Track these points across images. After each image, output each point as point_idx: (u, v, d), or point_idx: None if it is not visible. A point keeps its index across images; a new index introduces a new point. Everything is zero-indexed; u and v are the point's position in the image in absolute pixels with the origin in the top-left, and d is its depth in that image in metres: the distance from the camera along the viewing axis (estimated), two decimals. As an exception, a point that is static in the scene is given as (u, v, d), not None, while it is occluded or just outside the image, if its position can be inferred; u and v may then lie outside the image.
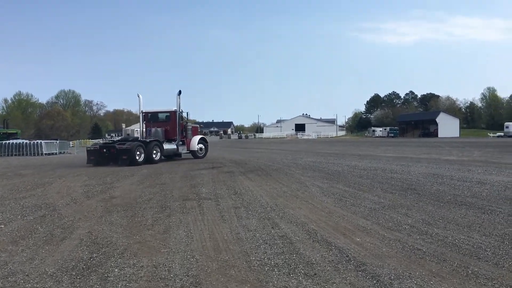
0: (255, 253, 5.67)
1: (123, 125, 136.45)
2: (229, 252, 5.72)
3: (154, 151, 21.97)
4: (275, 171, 16.48)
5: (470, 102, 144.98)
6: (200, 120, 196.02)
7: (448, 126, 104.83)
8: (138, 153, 20.96)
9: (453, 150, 37.25)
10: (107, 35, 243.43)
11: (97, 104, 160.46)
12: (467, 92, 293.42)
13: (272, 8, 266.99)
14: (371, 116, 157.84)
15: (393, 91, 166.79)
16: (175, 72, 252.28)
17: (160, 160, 22.27)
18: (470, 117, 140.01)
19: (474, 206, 8.48)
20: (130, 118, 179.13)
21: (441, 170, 15.77)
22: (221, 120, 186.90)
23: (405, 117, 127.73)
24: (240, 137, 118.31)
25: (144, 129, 24.31)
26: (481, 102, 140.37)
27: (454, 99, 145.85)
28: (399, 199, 9.60)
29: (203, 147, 25.39)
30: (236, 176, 14.93)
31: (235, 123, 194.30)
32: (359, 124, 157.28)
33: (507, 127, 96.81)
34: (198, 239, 6.44)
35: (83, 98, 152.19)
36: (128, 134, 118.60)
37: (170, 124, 23.96)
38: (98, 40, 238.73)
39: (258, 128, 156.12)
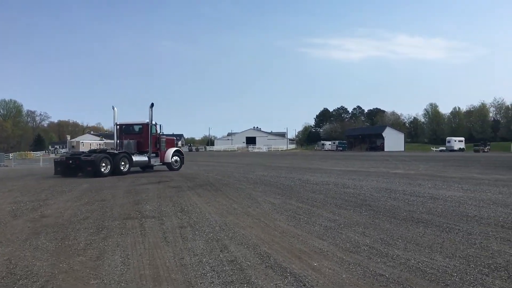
0: (200, 283, 4.96)
1: (68, 137, 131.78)
2: (170, 283, 4.98)
3: (122, 163, 22.05)
4: (225, 185, 15.78)
5: (414, 117, 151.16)
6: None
7: (393, 140, 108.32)
8: (103, 164, 21.01)
9: (400, 164, 38.03)
10: (51, 44, 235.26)
11: (40, 114, 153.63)
12: (411, 108, 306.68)
13: (225, 22, 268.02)
14: (321, 130, 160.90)
15: (342, 106, 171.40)
16: (123, 82, 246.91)
17: (128, 172, 22.24)
18: (413, 132, 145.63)
19: (432, 224, 8.17)
20: (76, 129, 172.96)
21: (393, 185, 15.67)
22: (171, 133, 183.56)
23: (353, 131, 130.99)
24: (190, 150, 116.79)
25: (117, 141, 24.47)
26: (424, 118, 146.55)
27: (399, 114, 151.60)
28: (354, 216, 9.18)
29: (178, 159, 25.39)
30: (183, 191, 14.10)
31: (186, 136, 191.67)
32: (309, 138, 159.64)
33: (448, 141, 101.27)
34: (136, 267, 5.64)
35: (25, 108, 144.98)
36: (73, 146, 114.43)
37: (142, 136, 23.96)
38: (41, 49, 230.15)
39: (209, 141, 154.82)
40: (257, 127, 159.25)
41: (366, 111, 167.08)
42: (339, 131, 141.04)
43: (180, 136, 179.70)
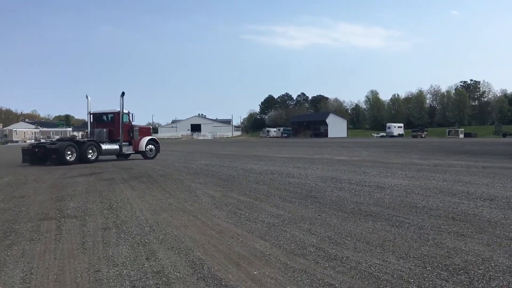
0: (115, 305, 4.05)
1: (0, 125, 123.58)
2: (76, 307, 4.03)
3: (90, 151, 22.21)
4: (163, 177, 14.73)
5: (356, 104, 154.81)
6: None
7: (337, 127, 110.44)
8: (69, 152, 21.32)
9: (343, 150, 38.34)
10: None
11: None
12: (353, 95, 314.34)
13: (169, 5, 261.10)
14: (266, 117, 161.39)
15: (286, 93, 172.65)
16: (59, 68, 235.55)
17: (96, 160, 22.36)
18: (356, 118, 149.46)
19: (381, 217, 7.65)
20: (10, 117, 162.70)
21: (338, 173, 15.27)
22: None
23: (297, 118, 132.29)
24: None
25: (90, 130, 24.71)
26: (365, 104, 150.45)
27: (342, 101, 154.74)
28: (299, 209, 8.52)
29: (153, 148, 25.32)
30: (116, 184, 12.94)
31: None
32: (254, 125, 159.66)
33: (388, 127, 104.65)
34: (38, 284, 4.62)
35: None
36: (5, 135, 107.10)
37: (114, 125, 24.04)
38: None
39: (153, 129, 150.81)
40: (202, 114, 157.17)
41: (310, 98, 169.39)
42: (284, 118, 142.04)
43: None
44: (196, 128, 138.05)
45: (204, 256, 5.53)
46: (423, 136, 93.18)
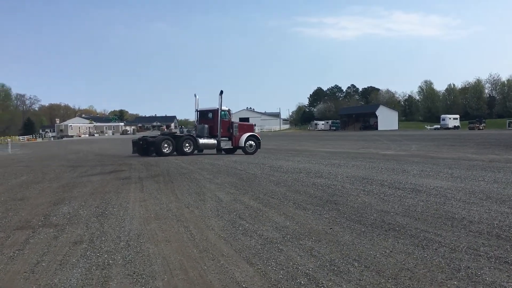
0: None
1: (57, 120, 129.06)
2: None
3: (187, 144, 24.00)
4: (182, 175, 13.79)
5: (409, 95, 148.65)
6: (142, 114, 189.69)
7: (387, 119, 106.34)
8: (165, 145, 23.46)
9: (392, 144, 36.25)
10: (42, 27, 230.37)
11: (30, 98, 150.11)
12: (406, 85, 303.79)
13: (218, 3, 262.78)
14: (314, 110, 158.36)
15: (336, 85, 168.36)
16: (115, 65, 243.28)
17: (192, 153, 23.89)
18: (408, 110, 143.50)
19: (405, 233, 6.22)
20: (68, 113, 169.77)
21: (373, 172, 13.71)
22: (163, 115, 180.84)
23: (347, 110, 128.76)
24: (182, 132, 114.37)
25: (195, 125, 27.00)
26: (418, 95, 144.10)
27: (393, 92, 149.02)
28: (310, 220, 7.23)
29: (254, 143, 25.97)
30: (128, 184, 12.12)
31: (179, 117, 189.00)
32: (302, 118, 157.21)
33: (443, 119, 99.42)
34: None
35: (14, 91, 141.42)
36: (61, 130, 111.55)
37: (214, 121, 25.45)
38: (33, 34, 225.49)
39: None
40: (250, 108, 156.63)
41: (360, 89, 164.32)
42: (333, 111, 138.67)
43: (172, 118, 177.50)
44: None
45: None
46: (481, 128, 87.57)
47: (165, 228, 6.96)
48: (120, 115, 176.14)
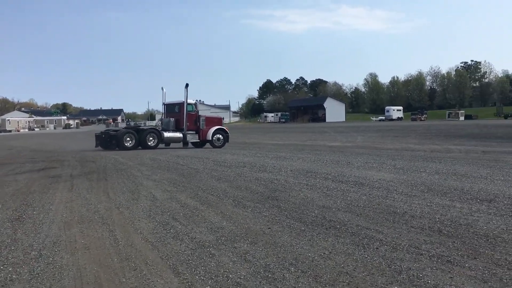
0: None
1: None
2: None
3: (150, 138, 23.48)
4: (119, 172, 12.97)
5: (355, 87, 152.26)
6: (87, 108, 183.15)
7: (335, 111, 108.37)
8: (128, 139, 23.00)
9: (338, 136, 36.73)
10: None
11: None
12: (353, 78, 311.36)
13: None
14: (264, 102, 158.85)
15: (285, 77, 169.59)
16: (58, 55, 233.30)
17: (156, 147, 23.27)
18: (355, 102, 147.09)
19: (346, 231, 5.90)
20: (6, 106, 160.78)
21: (317, 165, 13.49)
22: (109, 108, 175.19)
23: (296, 102, 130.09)
24: (128, 126, 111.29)
25: (161, 119, 27.04)
26: (364, 88, 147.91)
27: (341, 85, 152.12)
28: (249, 219, 6.78)
29: (221, 137, 25.54)
30: (57, 183, 11.17)
31: (126, 110, 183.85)
32: (252, 110, 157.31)
33: (387, 111, 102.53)
34: None
35: None
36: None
37: (180, 115, 24.85)
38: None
39: (149, 116, 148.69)
40: (200, 100, 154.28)
41: (309, 82, 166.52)
42: (283, 103, 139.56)
43: (119, 111, 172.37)
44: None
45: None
46: (423, 119, 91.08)
47: (88, 233, 6.27)
48: (63, 109, 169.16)
